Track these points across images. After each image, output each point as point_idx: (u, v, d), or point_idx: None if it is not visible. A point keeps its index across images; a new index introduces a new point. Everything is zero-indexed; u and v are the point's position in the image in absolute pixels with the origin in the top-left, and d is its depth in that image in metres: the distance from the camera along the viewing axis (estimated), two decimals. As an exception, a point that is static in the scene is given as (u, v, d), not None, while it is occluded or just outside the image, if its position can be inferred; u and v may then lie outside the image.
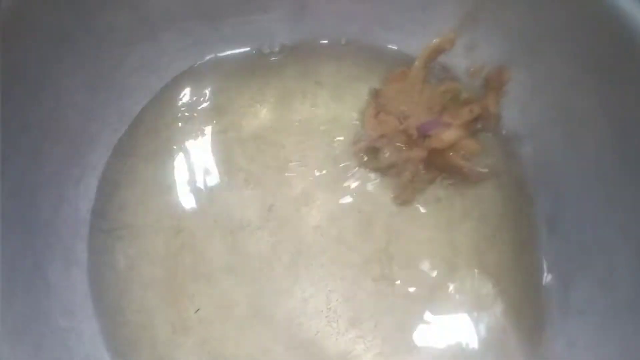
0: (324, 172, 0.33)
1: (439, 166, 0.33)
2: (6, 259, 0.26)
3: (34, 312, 0.27)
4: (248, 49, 0.35)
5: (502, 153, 0.34)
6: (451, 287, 0.31)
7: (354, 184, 0.33)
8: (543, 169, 0.33)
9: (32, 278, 0.28)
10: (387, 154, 0.32)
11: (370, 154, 0.33)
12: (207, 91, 0.34)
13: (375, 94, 0.33)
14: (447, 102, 0.33)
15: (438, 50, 0.33)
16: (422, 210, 0.33)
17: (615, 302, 0.29)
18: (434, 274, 0.32)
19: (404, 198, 0.33)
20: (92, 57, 0.31)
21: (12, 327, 0.26)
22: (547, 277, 0.32)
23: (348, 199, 0.33)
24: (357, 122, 0.34)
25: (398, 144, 0.33)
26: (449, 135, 0.32)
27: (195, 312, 0.30)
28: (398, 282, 0.31)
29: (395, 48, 0.35)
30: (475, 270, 0.32)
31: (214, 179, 0.33)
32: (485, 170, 0.33)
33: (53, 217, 0.30)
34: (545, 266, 0.32)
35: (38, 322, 0.27)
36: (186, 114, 0.33)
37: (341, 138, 0.34)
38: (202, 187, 0.32)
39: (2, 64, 0.26)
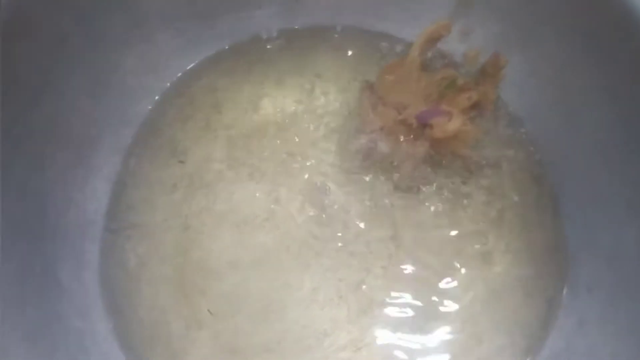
0: (326, 163, 0.33)
1: (441, 154, 0.33)
2: (17, 265, 0.27)
3: (47, 315, 0.28)
4: (244, 42, 0.35)
5: (503, 137, 0.34)
6: (460, 271, 0.32)
7: (356, 175, 0.33)
8: (545, 150, 0.34)
9: (44, 282, 0.28)
10: (386, 147, 0.32)
11: (371, 146, 0.33)
12: (206, 89, 0.34)
13: (371, 87, 0.33)
14: (444, 89, 0.33)
15: (434, 37, 0.34)
16: (426, 197, 0.33)
17: (622, 278, 0.29)
18: (442, 258, 0.32)
19: (408, 187, 0.33)
20: (90, 60, 0.31)
21: (26, 331, 0.26)
22: (554, 257, 0.32)
23: (352, 189, 0.33)
24: (356, 115, 0.34)
25: (398, 134, 0.33)
26: (452, 124, 0.31)
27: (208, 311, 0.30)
28: (406, 267, 0.32)
29: (391, 37, 0.35)
30: (483, 254, 0.32)
31: (218, 175, 0.33)
32: (488, 158, 0.33)
33: (61, 221, 0.30)
34: (552, 246, 0.32)
35: (52, 325, 0.28)
36: (187, 112, 0.34)
37: (341, 129, 0.34)
38: (207, 183, 0.33)
39: (2, 68, 0.26)
